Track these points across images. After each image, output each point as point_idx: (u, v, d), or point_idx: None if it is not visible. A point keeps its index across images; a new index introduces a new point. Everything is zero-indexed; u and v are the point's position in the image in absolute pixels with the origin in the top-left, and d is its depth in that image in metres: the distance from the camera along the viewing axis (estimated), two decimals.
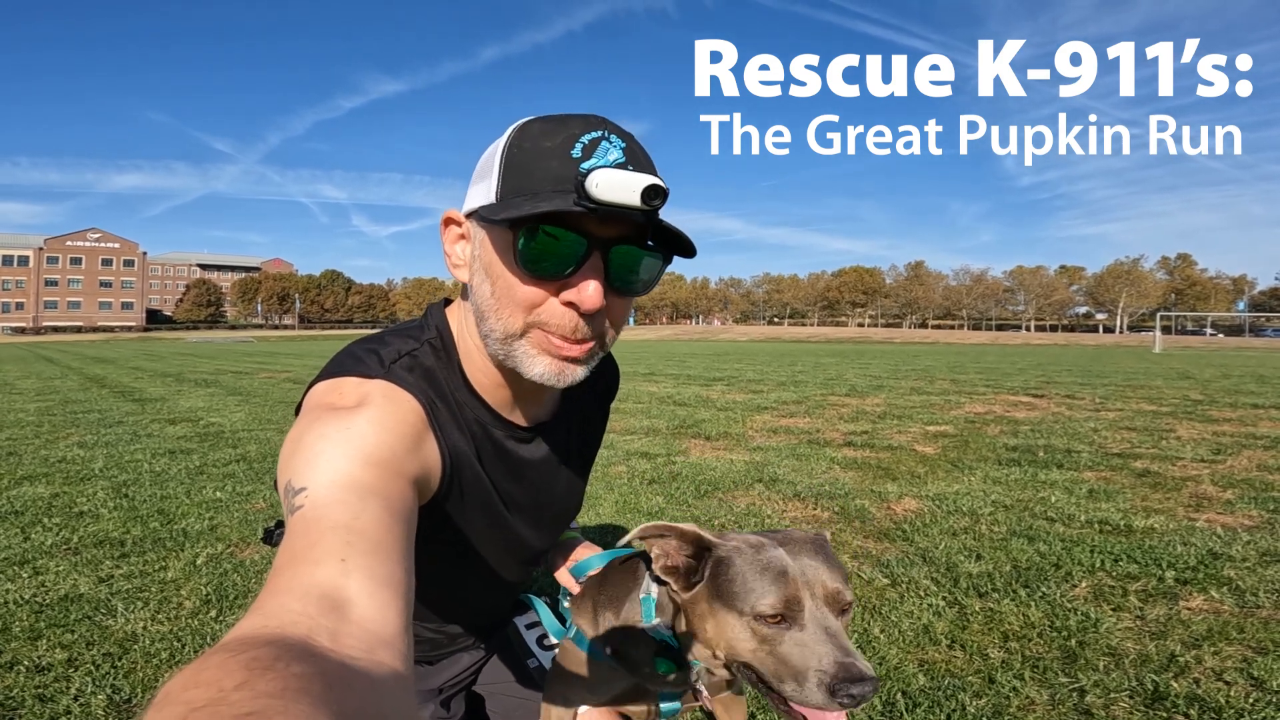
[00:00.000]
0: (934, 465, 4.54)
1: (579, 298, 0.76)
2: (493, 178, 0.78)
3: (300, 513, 0.60)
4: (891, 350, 31.55)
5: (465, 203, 0.84)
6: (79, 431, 6.01)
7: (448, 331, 0.92)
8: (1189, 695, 1.66)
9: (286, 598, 0.49)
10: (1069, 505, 3.44)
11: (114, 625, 2.10)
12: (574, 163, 0.73)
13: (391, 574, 0.55)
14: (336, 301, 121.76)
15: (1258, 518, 3.24)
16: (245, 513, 3.36)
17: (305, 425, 0.72)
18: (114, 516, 3.28)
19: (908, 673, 1.78)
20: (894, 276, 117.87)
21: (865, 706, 1.63)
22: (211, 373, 14.01)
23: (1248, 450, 4.97)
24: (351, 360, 0.84)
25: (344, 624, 0.47)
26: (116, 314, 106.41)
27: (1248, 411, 7.28)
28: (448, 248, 0.86)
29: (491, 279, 0.79)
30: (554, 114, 0.80)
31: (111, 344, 44.91)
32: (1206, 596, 2.27)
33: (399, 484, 0.68)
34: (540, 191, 0.74)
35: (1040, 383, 11.03)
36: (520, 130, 0.78)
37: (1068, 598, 2.27)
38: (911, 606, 2.20)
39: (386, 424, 0.74)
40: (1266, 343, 51.22)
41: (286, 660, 0.37)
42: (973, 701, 1.64)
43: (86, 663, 1.86)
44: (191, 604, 2.27)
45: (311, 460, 0.65)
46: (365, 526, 0.58)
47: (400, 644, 0.50)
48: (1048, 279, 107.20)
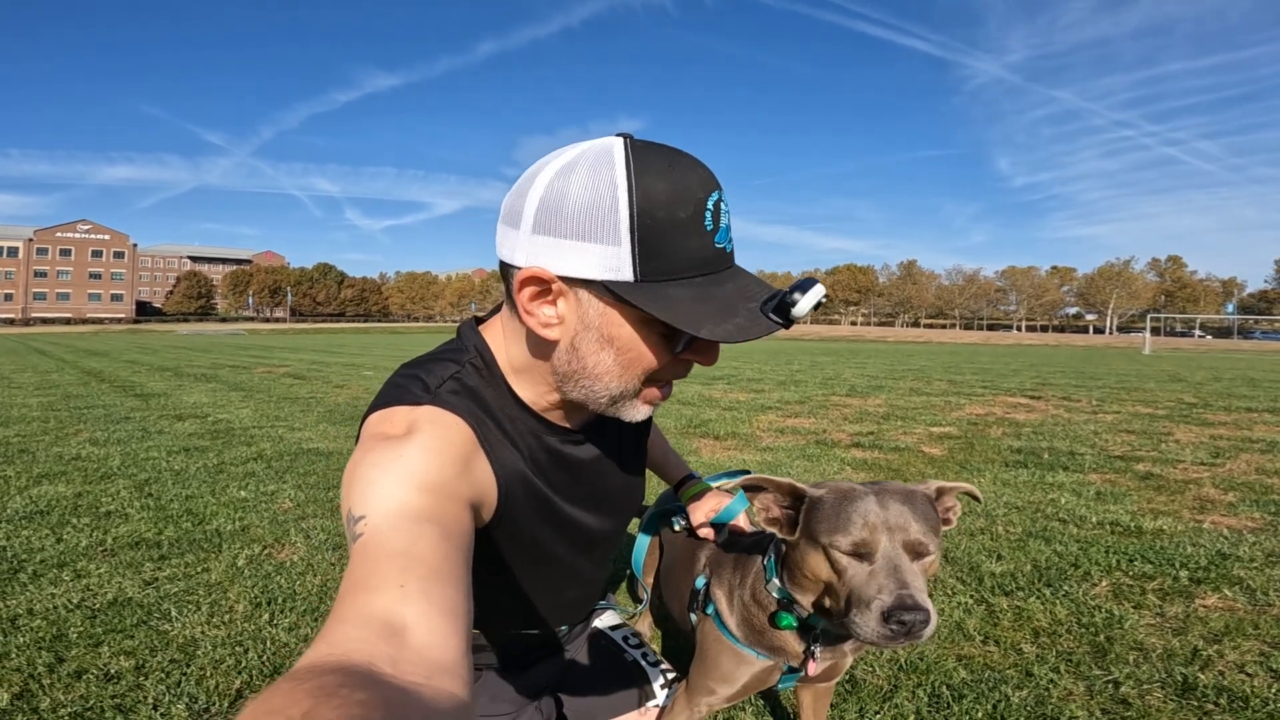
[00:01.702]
0: (942, 466, 4.62)
1: (704, 360, 0.79)
2: (622, 248, 0.71)
3: (360, 541, 0.62)
4: (885, 349, 31.68)
5: (559, 261, 0.74)
6: (88, 428, 6.02)
7: (487, 351, 0.91)
8: (1217, 686, 1.75)
9: (348, 626, 0.50)
10: (1079, 507, 3.53)
11: (172, 631, 2.11)
12: (709, 237, 0.74)
13: (449, 599, 0.56)
14: (329, 295, 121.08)
15: (1260, 520, 3.33)
16: (274, 513, 3.40)
17: (361, 455, 0.74)
18: (143, 516, 3.31)
19: (948, 667, 1.86)
20: (887, 276, 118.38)
21: (913, 700, 1.71)
22: (209, 367, 13.97)
23: (1245, 454, 5.08)
24: (399, 389, 0.86)
25: (403, 650, 0.48)
26: (106, 306, 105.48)
27: (1242, 415, 7.41)
28: (531, 308, 0.79)
29: (616, 350, 0.78)
30: (657, 153, 0.74)
31: (102, 336, 44.52)
32: (1220, 595, 2.36)
33: (453, 507, 0.70)
34: (687, 275, 0.73)
35: (1036, 384, 11.15)
36: (644, 191, 0.71)
37: (1090, 596, 2.35)
38: (941, 604, 2.28)
39: (436, 448, 0.75)
40: (1255, 345, 51.70)
41: (350, 688, 0.39)
42: (1015, 693, 1.72)
43: (155, 670, 1.87)
44: (243, 608, 2.30)
45: (367, 489, 0.67)
46: (422, 552, 0.59)
47: (460, 669, 0.50)
48: (1039, 279, 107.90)
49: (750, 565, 1.15)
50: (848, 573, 0.88)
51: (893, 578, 0.84)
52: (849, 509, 0.90)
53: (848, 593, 0.87)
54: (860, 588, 0.86)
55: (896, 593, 0.82)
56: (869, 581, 0.86)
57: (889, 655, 1.94)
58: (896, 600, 0.82)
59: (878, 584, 0.84)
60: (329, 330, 71.49)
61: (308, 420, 6.55)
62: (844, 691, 1.77)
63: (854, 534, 0.88)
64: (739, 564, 1.18)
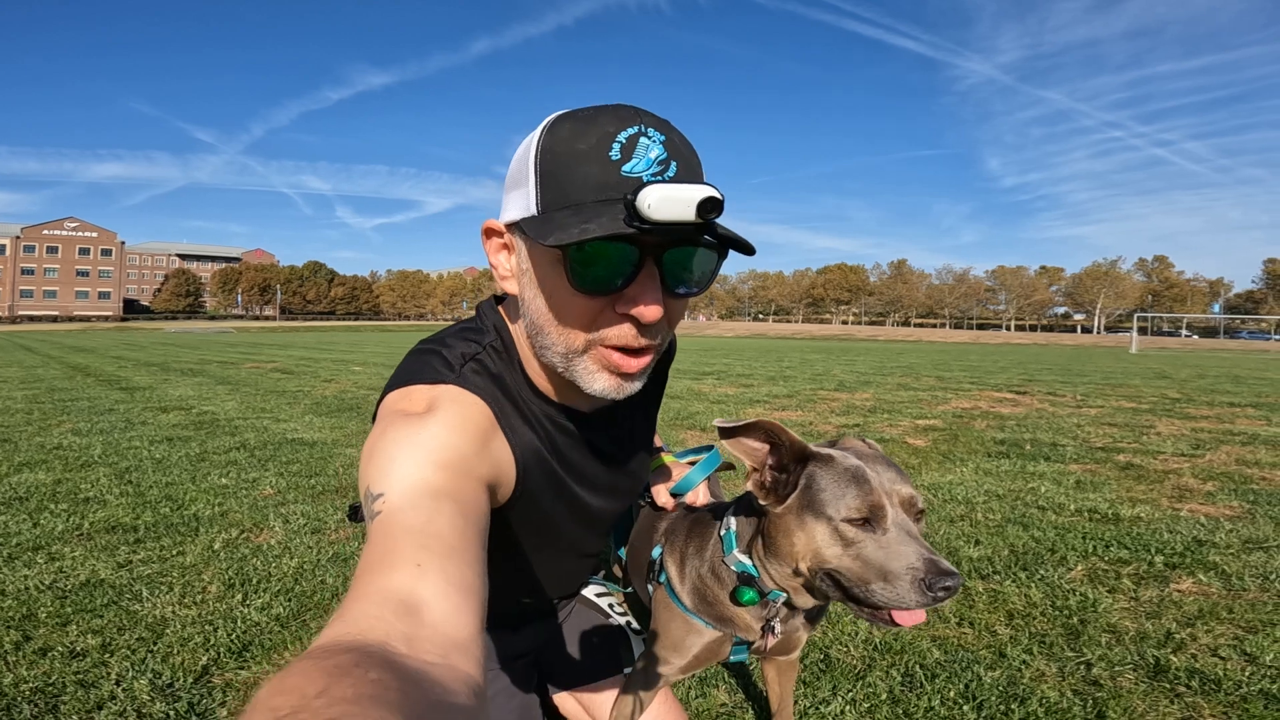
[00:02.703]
0: (926, 457, 4.64)
1: (636, 310, 0.74)
2: (529, 186, 0.74)
3: (378, 519, 0.61)
4: (876, 348, 31.81)
5: (503, 212, 0.80)
6: (71, 419, 5.97)
7: (506, 332, 0.91)
8: (1189, 669, 1.76)
9: (365, 603, 0.50)
10: (1058, 495, 3.56)
11: (142, 610, 2.11)
12: (614, 166, 0.70)
13: (465, 577, 0.56)
14: (319, 293, 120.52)
15: (1238, 508, 3.36)
16: (254, 499, 3.39)
17: (379, 432, 0.73)
18: (121, 502, 3.29)
19: (922, 648, 1.87)
20: (878, 275, 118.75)
21: (886, 679, 1.72)
22: (196, 363, 13.88)
23: (1226, 445, 5.13)
24: (418, 367, 0.85)
25: (419, 628, 0.48)
26: (93, 303, 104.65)
27: (1224, 409, 7.48)
28: (493, 259, 0.83)
29: (545, 294, 0.77)
30: (585, 108, 0.75)
31: (89, 333, 44.20)
32: (1195, 580, 2.38)
33: (471, 486, 0.69)
34: (584, 203, 0.71)
35: (1022, 380, 11.22)
36: (550, 132, 0.74)
37: (1065, 580, 2.37)
38: None
39: (455, 426, 0.75)
40: (1241, 344, 52.21)
41: (365, 666, 0.39)
42: (987, 673, 1.73)
43: (122, 648, 1.87)
44: (216, 588, 2.30)
45: (386, 466, 0.67)
46: (439, 530, 0.59)
47: (474, 648, 0.51)
48: (1028, 279, 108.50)
49: (706, 535, 1.11)
50: (862, 545, 0.85)
51: (912, 544, 0.83)
52: (850, 479, 0.88)
53: (865, 566, 0.84)
54: (883, 560, 0.83)
55: (926, 558, 0.81)
56: (890, 552, 0.83)
57: (864, 635, 1.94)
58: (929, 567, 0.80)
59: (901, 553, 0.82)
60: (319, 328, 71.21)
61: (294, 412, 6.51)
62: (817, 670, 1.78)
63: (859, 502, 0.86)
64: (693, 533, 1.16)
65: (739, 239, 0.75)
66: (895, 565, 0.82)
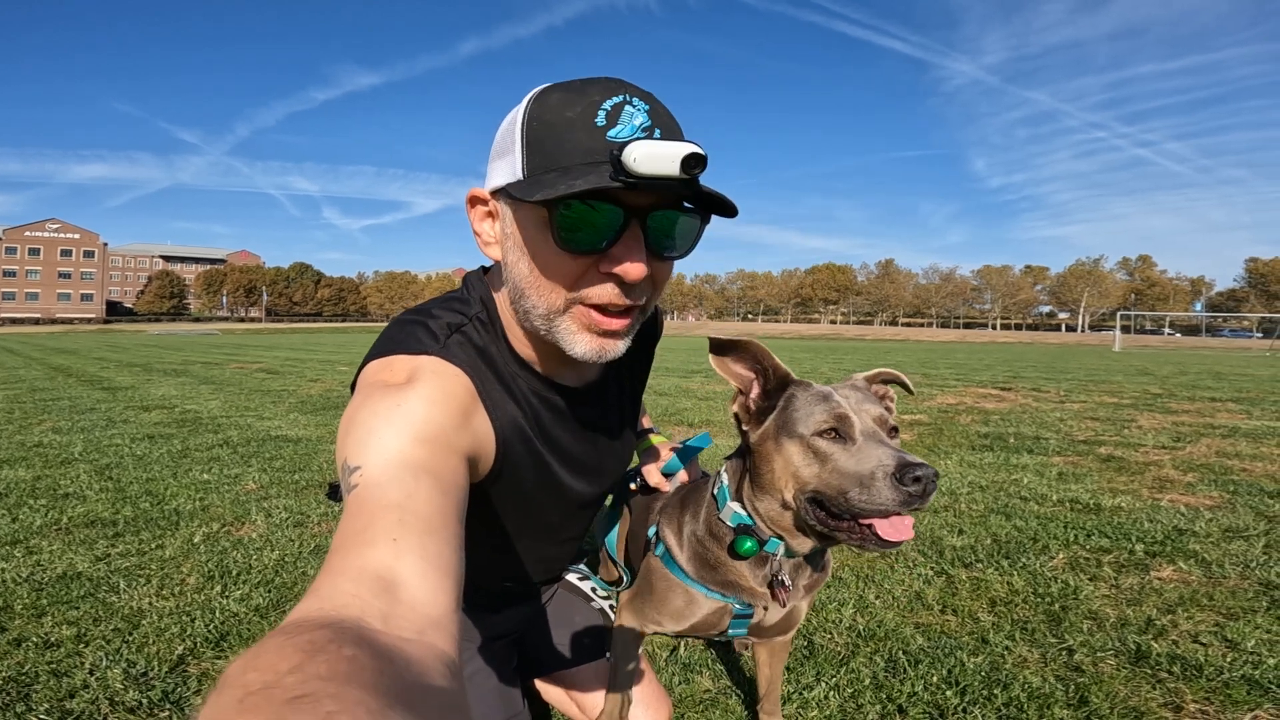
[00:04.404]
0: (912, 450, 4.65)
1: (621, 269, 0.74)
2: (516, 153, 0.75)
3: (355, 492, 0.60)
4: (864, 347, 31.95)
5: (488, 179, 0.81)
6: (52, 418, 5.90)
7: (492, 304, 0.91)
8: (1170, 655, 1.77)
9: (340, 579, 0.50)
10: (1041, 486, 3.58)
11: (119, 602, 2.09)
12: (600, 132, 0.71)
13: (442, 554, 0.56)
14: (305, 294, 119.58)
15: (1218, 498, 3.40)
16: (236, 494, 3.35)
17: (359, 403, 0.72)
18: (101, 498, 3.25)
19: (905, 634, 1.88)
20: (865, 275, 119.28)
21: (870, 665, 1.72)
22: (180, 363, 13.75)
23: (1206, 438, 5.18)
24: (401, 335, 0.84)
25: (396, 605, 0.48)
26: (76, 305, 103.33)
27: (1205, 404, 7.56)
28: (476, 226, 0.84)
29: (529, 257, 0.78)
30: (570, 80, 0.76)
31: (71, 335, 43.68)
32: (1175, 567, 2.40)
33: (451, 460, 0.69)
34: (570, 166, 0.71)
35: (1007, 377, 11.30)
36: (538, 101, 0.75)
37: (1047, 568, 2.38)
38: (902, 575, 2.30)
39: (437, 399, 0.74)
40: (1223, 343, 52.84)
41: (340, 643, 0.38)
42: (970, 659, 1.74)
43: (97, 639, 1.85)
44: (195, 580, 2.27)
45: (364, 439, 0.66)
46: (418, 506, 0.58)
47: (450, 625, 0.50)
48: (1013, 278, 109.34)
49: (700, 498, 1.13)
50: (835, 457, 0.87)
51: (881, 448, 0.85)
52: (818, 399, 0.92)
53: (841, 476, 0.86)
54: (855, 466, 0.85)
55: (896, 456, 0.83)
56: (860, 457, 0.85)
57: (848, 623, 1.95)
58: (899, 462, 0.81)
59: (871, 456, 0.84)
60: (305, 330, 70.70)
61: (278, 411, 6.46)
62: (801, 657, 1.78)
63: (832, 419, 0.89)
64: (687, 501, 1.16)
65: (722, 198, 0.76)
66: (866, 467, 0.83)
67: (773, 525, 0.99)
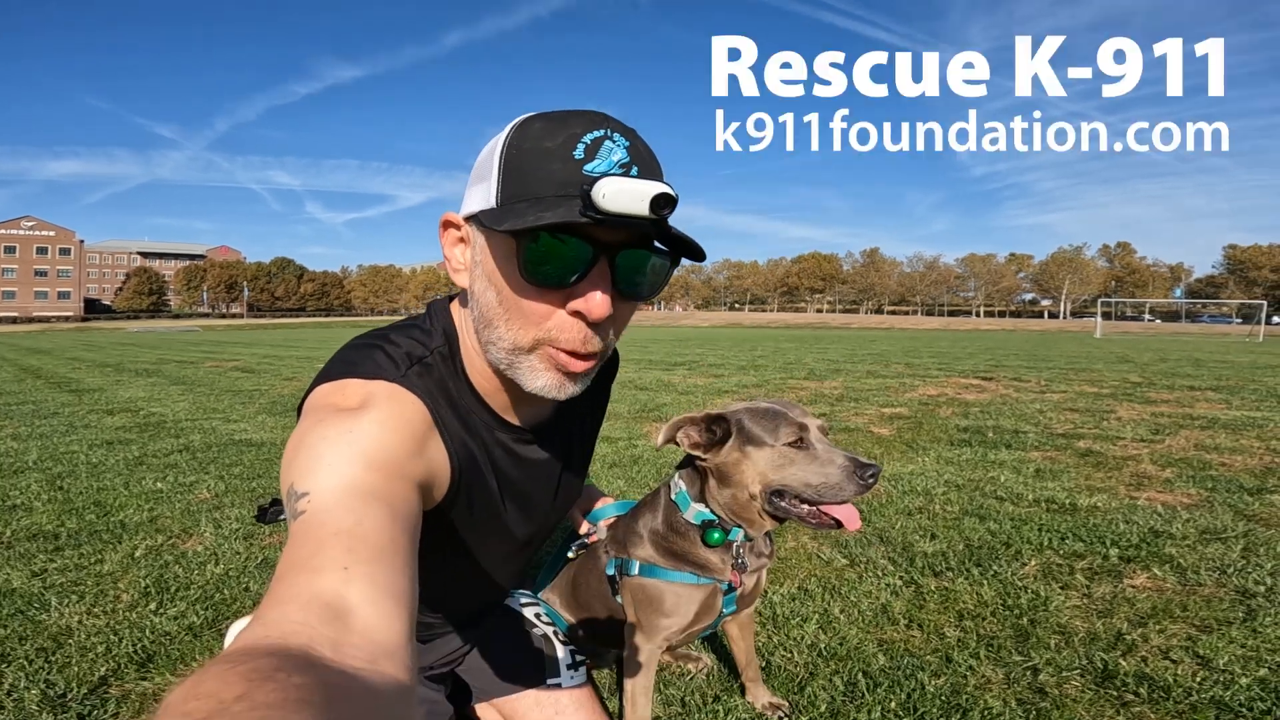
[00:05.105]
0: (889, 446, 4.61)
1: (586, 307, 0.74)
2: (492, 180, 0.75)
3: (303, 518, 0.59)
4: (849, 335, 32.04)
5: (463, 205, 0.81)
6: (12, 424, 5.73)
7: (455, 337, 0.89)
8: (1138, 674, 1.69)
9: (288, 607, 0.48)
10: (1017, 484, 3.52)
11: (47, 620, 2.01)
12: (577, 165, 0.71)
13: (394, 582, 0.54)
14: (288, 290, 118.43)
15: (1196, 496, 3.35)
16: (187, 504, 3.24)
17: (308, 427, 0.70)
18: (48, 510, 3.13)
19: (868, 653, 1.79)
20: (851, 264, 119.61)
21: (828, 689, 1.64)
22: (154, 362, 13.52)
23: (1185, 430, 5.16)
24: (356, 358, 0.82)
25: (346, 634, 0.47)
26: (53, 304, 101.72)
27: (1184, 393, 7.57)
28: (447, 251, 0.83)
29: (496, 288, 0.77)
30: (555, 110, 0.77)
31: (48, 334, 43.05)
32: (1149, 574, 2.34)
33: (403, 487, 0.67)
34: (543, 197, 0.71)
35: (990, 366, 11.31)
36: (519, 129, 0.75)
37: (1018, 576, 2.31)
38: (870, 586, 2.22)
39: (390, 425, 0.72)
40: (1202, 328, 53.49)
41: (287, 671, 0.37)
42: (931, 681, 1.65)
43: (19, 658, 1.79)
44: (129, 596, 2.18)
45: (313, 463, 0.64)
46: (368, 533, 0.57)
47: (403, 654, 0.49)
48: (997, 266, 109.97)
49: (654, 506, 1.28)
50: (799, 460, 1.10)
51: (834, 450, 1.11)
52: (774, 416, 1.14)
53: (804, 474, 1.09)
54: (820, 466, 1.08)
55: (847, 456, 1.09)
56: (823, 459, 1.09)
57: (809, 640, 1.87)
58: (853, 461, 1.07)
59: (831, 458, 1.09)
60: (287, 325, 70.08)
61: (246, 412, 6.32)
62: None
63: (793, 431, 1.12)
64: (636, 514, 1.30)
65: (690, 241, 0.75)
66: (830, 468, 1.08)
67: (735, 516, 1.19)
